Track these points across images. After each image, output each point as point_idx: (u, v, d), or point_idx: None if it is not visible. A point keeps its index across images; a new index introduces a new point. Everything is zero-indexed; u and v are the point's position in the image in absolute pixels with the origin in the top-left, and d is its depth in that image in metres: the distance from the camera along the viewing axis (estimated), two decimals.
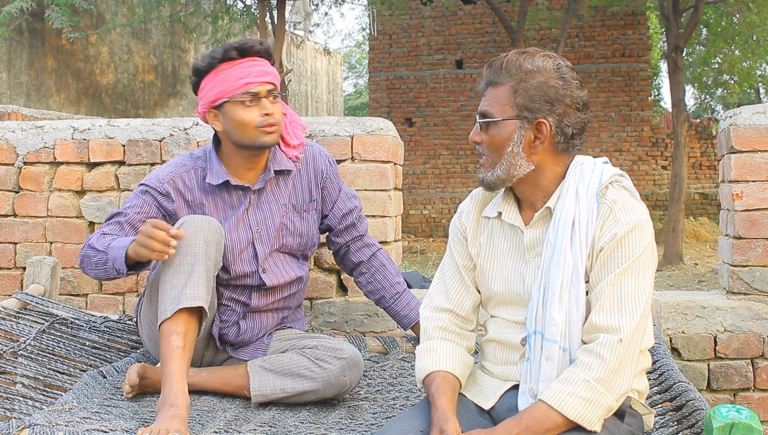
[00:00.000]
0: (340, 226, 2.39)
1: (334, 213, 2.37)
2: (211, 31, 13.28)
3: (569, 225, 1.58)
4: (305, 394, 2.11)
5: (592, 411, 1.47)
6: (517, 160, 1.61)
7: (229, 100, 2.11)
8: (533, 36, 14.52)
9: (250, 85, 2.10)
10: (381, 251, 2.46)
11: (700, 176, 14.62)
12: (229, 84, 2.10)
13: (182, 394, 1.80)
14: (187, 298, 1.91)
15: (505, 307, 1.71)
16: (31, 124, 3.13)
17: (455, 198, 14.80)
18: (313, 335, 2.29)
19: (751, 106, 2.79)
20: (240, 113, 2.11)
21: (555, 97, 1.59)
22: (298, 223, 2.28)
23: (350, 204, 2.39)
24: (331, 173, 2.36)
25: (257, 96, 2.12)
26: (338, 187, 2.38)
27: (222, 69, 2.11)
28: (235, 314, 2.24)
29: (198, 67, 2.15)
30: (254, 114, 2.12)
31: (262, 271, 2.22)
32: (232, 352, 2.26)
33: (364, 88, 30.10)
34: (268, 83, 2.14)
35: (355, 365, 2.13)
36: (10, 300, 2.58)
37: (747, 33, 13.28)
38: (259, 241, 2.22)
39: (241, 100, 2.10)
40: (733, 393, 2.73)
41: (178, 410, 1.75)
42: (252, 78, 2.11)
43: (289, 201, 2.27)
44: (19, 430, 1.56)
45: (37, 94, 14.05)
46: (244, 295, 2.24)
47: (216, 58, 2.11)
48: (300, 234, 2.29)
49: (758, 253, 2.74)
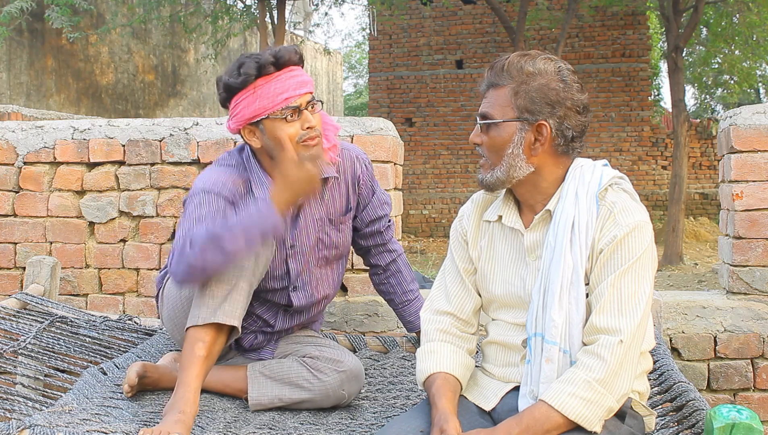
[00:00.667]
0: (366, 230, 2.33)
1: (363, 217, 2.30)
2: (211, 31, 13.29)
3: (569, 227, 1.58)
4: (302, 404, 2.09)
5: (593, 411, 1.47)
6: (517, 162, 1.61)
7: (268, 117, 1.98)
8: (533, 36, 14.52)
9: (291, 100, 1.97)
10: (401, 257, 2.42)
11: (700, 176, 14.62)
12: (268, 101, 1.97)
13: (192, 404, 1.80)
14: (224, 314, 1.86)
15: (506, 310, 1.71)
16: (31, 124, 3.13)
17: (455, 198, 14.81)
18: (318, 342, 2.25)
19: (751, 106, 2.79)
20: (282, 129, 1.97)
21: (556, 99, 1.59)
22: (335, 236, 2.21)
23: (381, 211, 2.32)
24: (368, 178, 2.27)
25: (298, 109, 1.99)
26: (372, 190, 2.30)
27: (259, 85, 1.97)
28: (256, 326, 2.20)
29: (231, 84, 2.00)
30: (296, 128, 1.99)
31: (292, 289, 2.16)
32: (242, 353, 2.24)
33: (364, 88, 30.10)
34: (308, 93, 2.01)
35: (354, 378, 2.11)
36: (10, 300, 2.58)
37: (747, 33, 13.28)
38: (293, 259, 2.14)
39: (283, 116, 1.97)
40: (733, 393, 2.73)
41: (185, 417, 1.75)
42: (292, 91, 1.98)
43: (326, 215, 2.18)
44: (19, 430, 1.56)
45: (37, 94, 14.05)
46: (271, 314, 2.19)
47: (251, 75, 1.97)
48: (336, 246, 2.22)
49: (758, 253, 2.74)
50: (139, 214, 3.05)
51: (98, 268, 3.09)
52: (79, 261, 3.08)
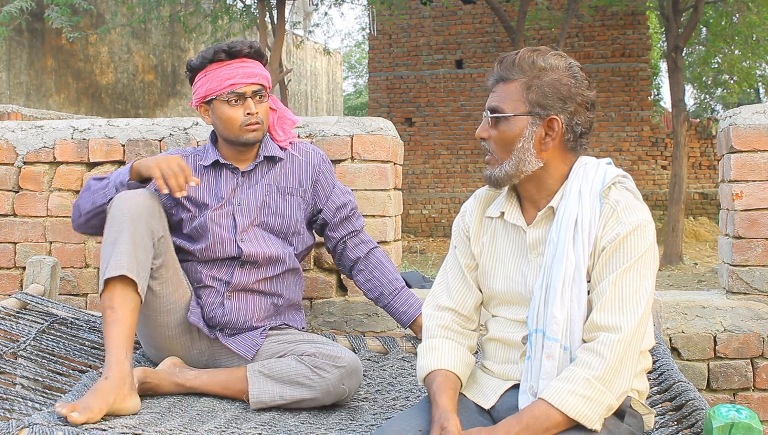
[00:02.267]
0: (335, 220, 2.43)
1: (329, 206, 2.42)
2: (211, 31, 13.30)
3: (572, 224, 1.58)
4: (304, 402, 2.10)
5: (593, 409, 1.47)
6: (527, 156, 1.61)
7: (217, 98, 2.26)
8: (533, 36, 14.53)
9: (236, 86, 2.24)
10: (378, 249, 2.48)
11: (699, 176, 14.63)
12: (217, 83, 2.25)
13: (116, 364, 1.87)
14: (110, 268, 1.98)
15: (506, 307, 1.72)
16: (30, 123, 3.13)
17: (455, 198, 14.81)
18: (312, 339, 2.27)
19: (750, 106, 2.79)
20: (225, 111, 2.26)
21: (567, 94, 1.60)
22: (281, 203, 2.34)
23: (344, 198, 2.45)
24: (324, 169, 2.43)
25: (242, 96, 2.26)
26: (332, 183, 2.45)
27: (211, 69, 2.26)
28: (219, 295, 2.26)
29: (191, 64, 2.31)
30: (238, 113, 2.26)
31: (240, 241, 2.27)
32: (223, 338, 2.26)
33: (364, 87, 30.10)
34: (255, 84, 2.27)
35: (353, 373, 2.12)
36: (9, 300, 2.58)
37: (747, 33, 13.28)
38: (239, 214, 2.29)
39: (227, 99, 2.25)
40: (733, 393, 2.73)
41: (107, 383, 1.83)
42: (238, 79, 2.24)
43: (273, 182, 2.35)
44: (19, 429, 1.56)
45: (37, 94, 14.05)
46: (226, 272, 2.27)
47: (207, 58, 2.26)
48: (282, 215, 2.34)
49: (758, 253, 2.74)
50: None
51: (98, 268, 3.08)
52: (79, 261, 3.08)
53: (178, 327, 2.24)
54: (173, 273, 2.22)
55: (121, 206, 2.08)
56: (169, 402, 2.07)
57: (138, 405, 1.89)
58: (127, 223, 2.04)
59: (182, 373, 2.17)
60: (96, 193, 2.22)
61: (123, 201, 2.09)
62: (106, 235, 2.06)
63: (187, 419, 1.91)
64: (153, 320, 2.22)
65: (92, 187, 2.24)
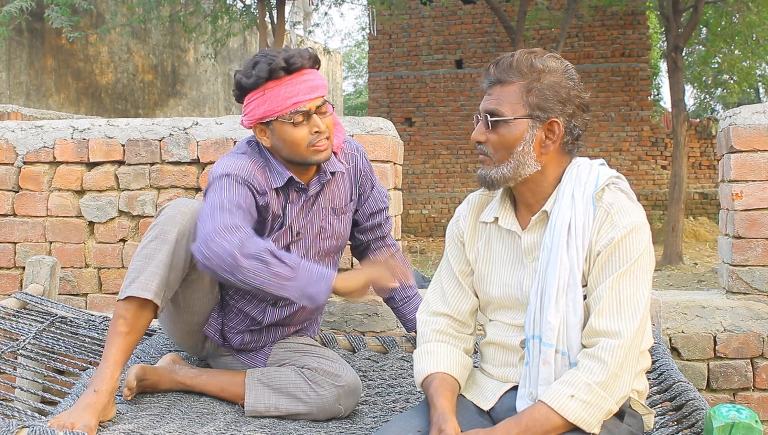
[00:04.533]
0: (366, 224, 2.34)
1: (364, 210, 2.31)
2: (211, 31, 13.29)
3: (565, 229, 1.57)
4: (299, 416, 2.07)
5: (592, 414, 1.47)
6: (526, 160, 1.59)
7: (277, 119, 2.01)
8: (533, 36, 14.52)
9: (300, 104, 2.00)
10: (398, 253, 2.42)
11: (699, 176, 14.62)
12: (277, 104, 1.99)
13: (109, 379, 1.82)
14: (138, 287, 1.89)
15: (503, 311, 1.71)
16: (30, 123, 3.13)
17: (455, 198, 14.80)
18: (318, 353, 2.21)
19: (750, 106, 2.79)
20: (290, 133, 2.01)
21: (567, 97, 1.59)
22: (336, 225, 2.21)
23: (381, 204, 2.34)
24: (368, 170, 2.29)
25: (307, 114, 2.01)
26: (372, 183, 2.32)
27: (269, 87, 2.00)
28: (243, 325, 2.19)
29: (243, 84, 2.03)
30: (304, 132, 2.01)
31: None
32: (236, 354, 2.24)
33: (363, 87, 30.08)
34: (318, 98, 2.03)
35: (351, 393, 2.09)
36: (9, 299, 2.58)
37: (747, 33, 13.27)
38: (295, 245, 2.14)
39: (291, 120, 2.00)
40: (733, 393, 2.73)
41: (98, 398, 1.77)
42: (301, 96, 1.99)
43: (330, 205, 2.19)
44: (18, 429, 1.56)
45: (37, 94, 14.05)
46: (258, 310, 2.17)
47: (261, 77, 1.99)
48: (337, 236, 2.22)
49: (758, 253, 2.73)
50: (138, 214, 3.05)
51: (98, 268, 3.09)
52: (78, 261, 3.08)
53: (196, 325, 2.19)
54: (208, 281, 2.11)
55: (173, 217, 1.95)
56: (168, 401, 2.07)
57: (114, 412, 1.86)
58: (171, 239, 1.93)
59: (182, 371, 2.16)
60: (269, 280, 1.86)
61: (176, 211, 1.96)
62: (146, 242, 1.94)
63: (186, 422, 1.90)
64: (174, 314, 2.16)
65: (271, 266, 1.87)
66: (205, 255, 1.87)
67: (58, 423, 1.69)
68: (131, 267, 1.94)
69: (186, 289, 2.07)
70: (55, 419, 1.71)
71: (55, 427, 1.67)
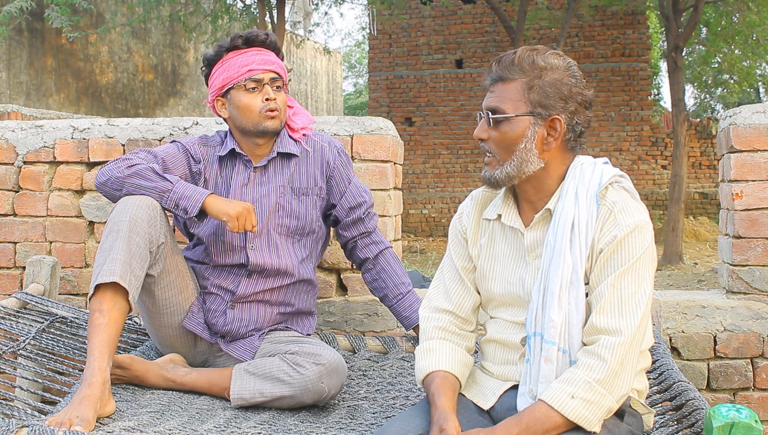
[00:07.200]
0: (347, 219, 2.39)
1: (342, 205, 2.38)
2: (211, 31, 13.28)
3: (569, 227, 1.57)
4: (284, 399, 2.07)
5: (593, 412, 1.47)
6: (529, 157, 1.60)
7: (234, 87, 2.23)
8: (533, 35, 14.52)
9: (253, 72, 2.22)
10: (389, 250, 2.45)
11: (699, 176, 14.62)
12: (234, 71, 2.22)
13: (99, 371, 1.85)
14: (103, 274, 1.95)
15: (505, 309, 1.71)
16: (30, 123, 3.13)
17: (455, 197, 14.80)
18: (303, 340, 2.24)
19: (750, 106, 2.79)
20: (243, 98, 2.23)
21: (568, 94, 1.59)
22: (295, 204, 2.30)
23: (359, 198, 2.40)
24: (339, 164, 2.37)
25: (260, 82, 2.23)
26: (348, 179, 2.39)
27: (228, 57, 2.25)
28: (223, 303, 2.25)
29: (207, 56, 2.29)
30: (257, 99, 2.23)
31: (249, 248, 2.24)
32: (223, 345, 2.26)
33: (364, 87, 30.09)
34: (272, 71, 2.25)
35: (334, 372, 2.09)
36: (9, 299, 2.58)
37: (747, 32, 13.28)
38: None
39: (245, 85, 2.22)
40: (733, 392, 2.73)
41: (91, 390, 1.79)
42: (255, 65, 2.22)
43: (288, 183, 2.31)
44: (18, 428, 1.56)
45: (37, 94, 14.05)
46: (232, 281, 2.26)
47: (223, 47, 2.25)
48: (297, 216, 2.30)
49: (758, 253, 2.74)
50: None
51: None
52: (78, 260, 3.08)
53: (180, 328, 2.25)
54: (177, 276, 2.21)
55: (123, 211, 2.05)
56: (168, 399, 2.08)
57: (114, 407, 1.88)
58: (125, 230, 2.01)
59: (174, 369, 2.19)
60: (146, 179, 2.12)
61: (126, 206, 2.06)
62: (103, 240, 2.04)
63: (186, 418, 1.91)
64: (156, 320, 2.23)
65: (146, 177, 2.12)
66: (99, 180, 2.15)
67: (57, 421, 1.69)
68: (95, 264, 2.01)
69: (158, 290, 2.16)
70: (54, 417, 1.71)
71: (54, 425, 1.67)
